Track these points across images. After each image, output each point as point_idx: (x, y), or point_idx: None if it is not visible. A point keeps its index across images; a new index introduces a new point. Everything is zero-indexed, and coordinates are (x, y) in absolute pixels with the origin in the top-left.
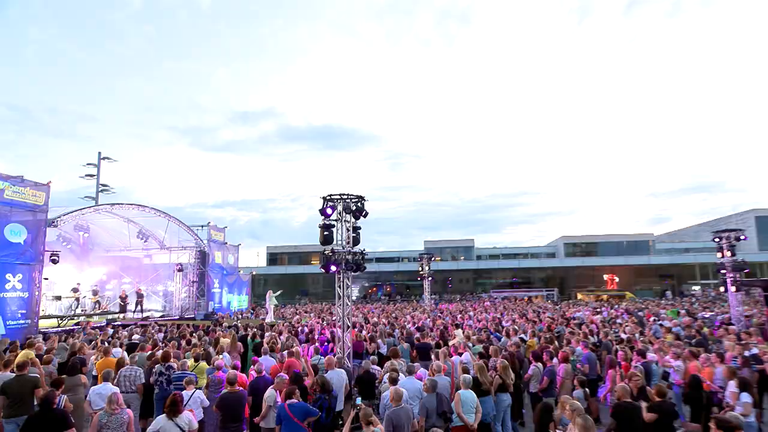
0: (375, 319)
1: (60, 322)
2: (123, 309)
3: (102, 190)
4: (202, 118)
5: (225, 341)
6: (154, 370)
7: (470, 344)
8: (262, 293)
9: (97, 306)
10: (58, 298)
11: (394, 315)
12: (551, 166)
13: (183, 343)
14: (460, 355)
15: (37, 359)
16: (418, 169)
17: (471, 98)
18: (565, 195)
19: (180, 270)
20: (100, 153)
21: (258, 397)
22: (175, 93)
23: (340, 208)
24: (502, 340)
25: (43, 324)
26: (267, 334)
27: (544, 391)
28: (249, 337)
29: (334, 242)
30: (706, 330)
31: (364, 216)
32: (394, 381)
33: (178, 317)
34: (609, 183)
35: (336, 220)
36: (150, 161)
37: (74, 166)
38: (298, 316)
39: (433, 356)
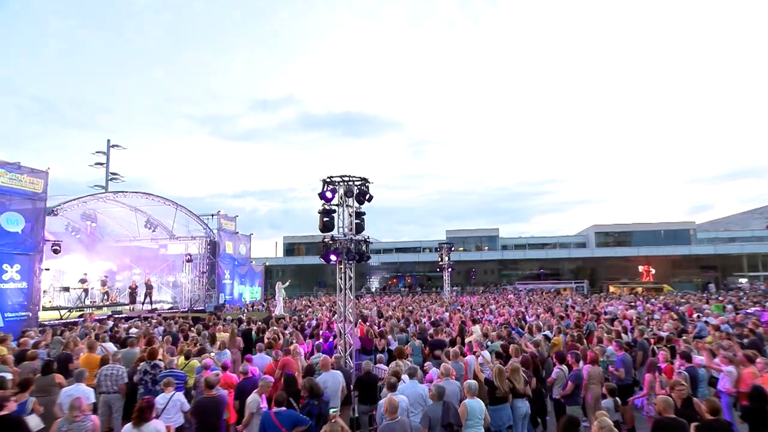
0: (390, 313)
1: (63, 313)
2: (132, 300)
3: (112, 179)
4: (221, 107)
5: (224, 336)
6: (138, 368)
7: (489, 341)
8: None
9: (106, 297)
10: (66, 289)
11: (410, 308)
12: (582, 151)
13: (181, 337)
14: (476, 355)
15: (10, 357)
16: (441, 156)
17: (497, 81)
18: (597, 182)
19: (189, 261)
20: (109, 140)
21: (245, 401)
22: (194, 82)
23: (341, 191)
24: (524, 336)
25: (45, 316)
26: (272, 328)
27: (568, 398)
28: (253, 332)
29: (335, 229)
30: (761, 329)
31: (369, 200)
32: (392, 387)
33: (186, 309)
34: (645, 169)
35: (337, 205)
36: (169, 151)
37: (94, 157)
38: (310, 309)
39: (443, 357)
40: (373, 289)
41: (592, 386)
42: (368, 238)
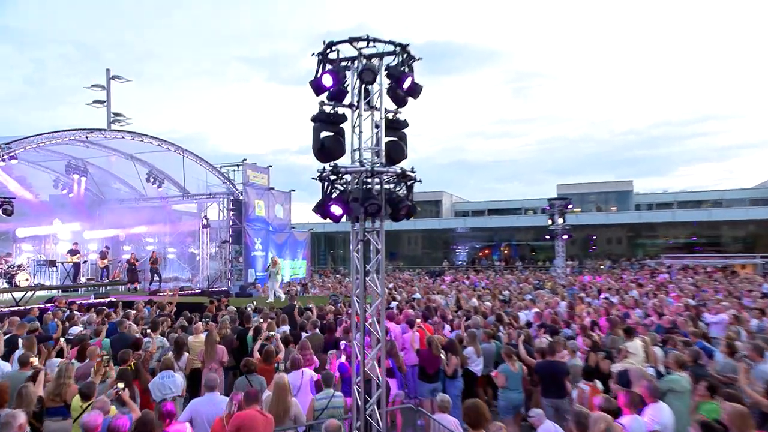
0: (472, 302)
1: (20, 296)
2: (132, 279)
3: (114, 121)
4: (278, 46)
5: (197, 342)
6: None
7: (666, 371)
8: (339, 256)
9: (105, 273)
10: (52, 263)
11: (503, 294)
12: (748, 78)
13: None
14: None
15: None
16: (551, 93)
17: None
18: None
19: (206, 226)
20: (108, 71)
21: None
22: (245, 19)
23: (352, 81)
24: (720, 360)
25: None
26: (267, 333)
27: None
28: (250, 334)
29: (348, 156)
30: None
31: (415, 94)
32: None
33: (200, 291)
34: None
35: (351, 107)
36: (223, 101)
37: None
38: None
39: (573, 397)
40: (459, 263)
41: None
42: (413, 173)
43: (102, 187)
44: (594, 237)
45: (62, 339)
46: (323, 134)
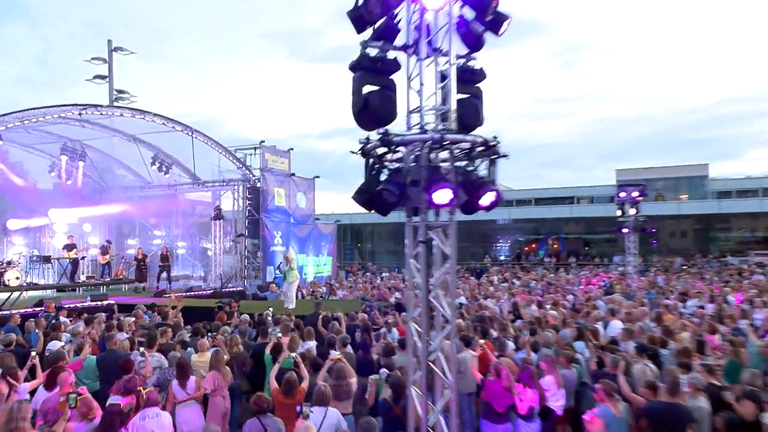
0: (534, 309)
1: (6, 297)
2: (141, 277)
3: (118, 98)
4: (301, 20)
5: (201, 362)
6: None
7: None
8: (366, 250)
9: (107, 271)
10: (47, 259)
11: (566, 299)
12: None
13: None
14: None
15: None
16: (602, 68)
17: None
18: None
19: (218, 218)
20: (110, 41)
21: None
22: None
23: (408, 12)
24: None
25: None
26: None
27: None
28: (268, 350)
29: (406, 120)
30: None
31: (497, 31)
32: None
33: (211, 292)
34: None
35: (405, 49)
36: (241, 81)
37: (152, 91)
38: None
39: None
40: (501, 259)
41: None
42: (496, 143)
43: (103, 173)
44: (654, 230)
45: (35, 354)
46: (367, 89)
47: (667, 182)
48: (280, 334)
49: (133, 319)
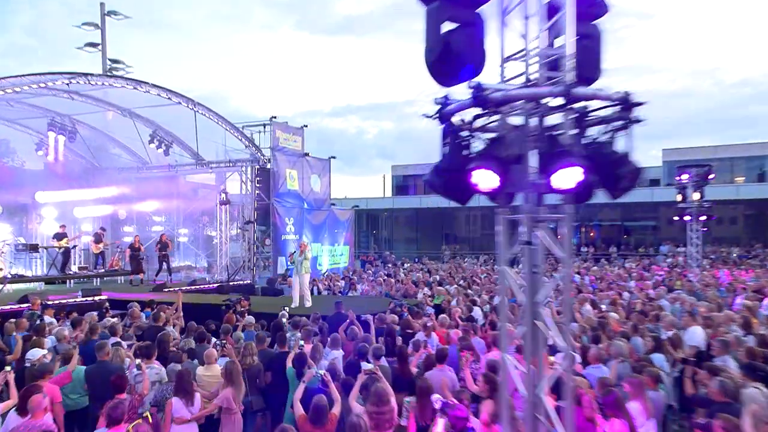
0: (588, 310)
1: None
2: (136, 268)
3: (112, 68)
4: None
5: (209, 377)
6: None
7: None
8: (381, 237)
9: (101, 261)
10: (34, 248)
11: (622, 298)
12: None
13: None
14: None
15: None
16: (641, 38)
17: None
18: None
19: (225, 203)
20: (103, 5)
21: None
22: None
23: None
24: None
25: None
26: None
27: None
28: (290, 362)
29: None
30: None
31: None
32: None
33: (215, 286)
34: None
35: None
36: (246, 54)
37: (152, 64)
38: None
39: None
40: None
41: None
42: (639, 102)
43: (96, 152)
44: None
45: (9, 368)
46: (446, 26)
47: (723, 163)
48: (302, 342)
49: (130, 318)
